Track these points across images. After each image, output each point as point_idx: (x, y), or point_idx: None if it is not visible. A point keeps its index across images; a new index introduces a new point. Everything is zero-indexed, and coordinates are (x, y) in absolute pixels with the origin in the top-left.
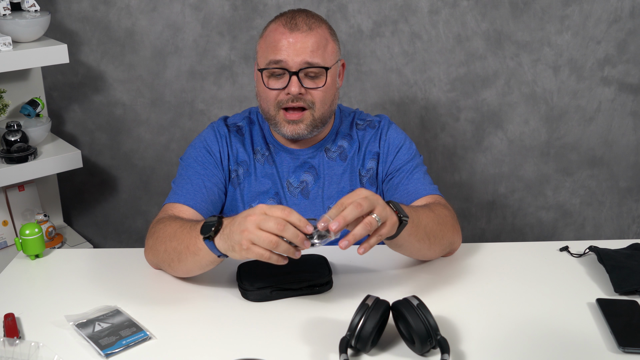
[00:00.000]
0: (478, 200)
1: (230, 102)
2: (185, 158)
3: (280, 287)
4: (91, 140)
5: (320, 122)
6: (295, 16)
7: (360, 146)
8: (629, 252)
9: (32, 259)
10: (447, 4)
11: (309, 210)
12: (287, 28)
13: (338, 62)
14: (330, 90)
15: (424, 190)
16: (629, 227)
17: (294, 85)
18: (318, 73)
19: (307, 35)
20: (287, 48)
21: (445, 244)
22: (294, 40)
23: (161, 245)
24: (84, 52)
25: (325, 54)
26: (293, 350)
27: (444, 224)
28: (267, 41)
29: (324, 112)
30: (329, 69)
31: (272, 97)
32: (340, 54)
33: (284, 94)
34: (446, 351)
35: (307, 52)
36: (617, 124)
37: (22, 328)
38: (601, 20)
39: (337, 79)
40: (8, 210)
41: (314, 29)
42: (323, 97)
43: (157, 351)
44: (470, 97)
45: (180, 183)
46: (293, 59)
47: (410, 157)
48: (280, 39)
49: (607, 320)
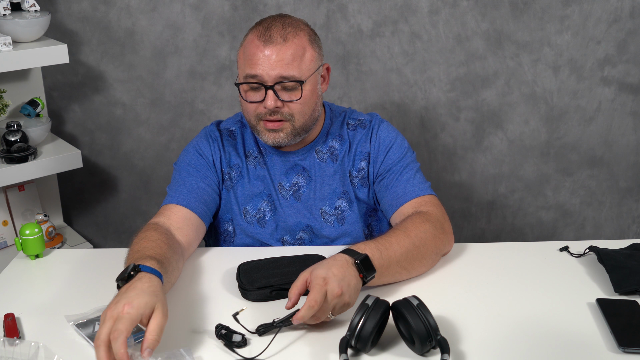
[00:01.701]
0: (478, 200)
1: (230, 102)
2: (179, 163)
3: (280, 287)
4: (91, 140)
5: (302, 130)
6: (270, 27)
7: (351, 146)
8: (629, 252)
9: (32, 259)
10: (447, 4)
11: (302, 212)
12: (261, 41)
13: (320, 67)
14: (309, 100)
15: (413, 192)
16: (629, 227)
17: (270, 99)
18: (294, 86)
19: (282, 48)
20: (263, 62)
21: (428, 262)
22: (270, 52)
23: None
24: (84, 52)
25: (302, 64)
26: (293, 350)
27: (422, 246)
28: (245, 53)
29: (304, 121)
30: (304, 82)
31: (252, 110)
32: (323, 59)
33: (262, 107)
34: (446, 351)
35: (282, 65)
36: (617, 124)
37: (22, 328)
38: (601, 20)
39: (320, 86)
40: (8, 210)
41: (289, 40)
42: (301, 109)
43: (157, 351)
44: (470, 97)
45: (174, 186)
46: (268, 73)
47: (400, 157)
48: (255, 53)
49: (607, 320)
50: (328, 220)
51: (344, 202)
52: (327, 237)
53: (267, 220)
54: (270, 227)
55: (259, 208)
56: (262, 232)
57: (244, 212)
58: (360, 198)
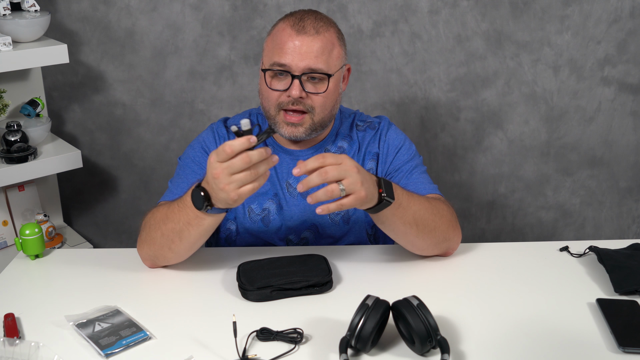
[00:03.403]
0: (478, 200)
1: (230, 102)
2: (183, 158)
3: (280, 287)
4: (91, 140)
5: (320, 126)
6: (304, 18)
7: (360, 147)
8: (629, 252)
9: (32, 259)
10: (447, 4)
11: (309, 211)
12: (294, 30)
13: (343, 67)
14: (332, 96)
15: (423, 189)
16: (629, 227)
17: (295, 88)
18: (321, 79)
19: (314, 40)
20: (292, 51)
21: (438, 237)
22: (300, 43)
23: (156, 232)
24: (84, 52)
25: (330, 59)
26: (293, 350)
27: (439, 216)
28: (274, 41)
29: (323, 117)
30: (331, 76)
31: (274, 98)
32: (346, 58)
33: (285, 95)
34: (446, 351)
35: (311, 57)
36: (617, 124)
37: (22, 328)
38: (601, 20)
39: (341, 84)
40: (8, 210)
41: (321, 33)
42: (323, 102)
43: (157, 351)
44: (470, 97)
45: (177, 182)
46: (297, 64)
47: (409, 158)
48: (286, 41)
49: (607, 320)
50: (334, 220)
51: None
52: (331, 236)
53: (271, 219)
54: (274, 226)
55: (264, 207)
56: (266, 230)
57: (248, 211)
58: None
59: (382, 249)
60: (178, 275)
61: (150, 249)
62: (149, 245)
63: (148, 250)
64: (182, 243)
